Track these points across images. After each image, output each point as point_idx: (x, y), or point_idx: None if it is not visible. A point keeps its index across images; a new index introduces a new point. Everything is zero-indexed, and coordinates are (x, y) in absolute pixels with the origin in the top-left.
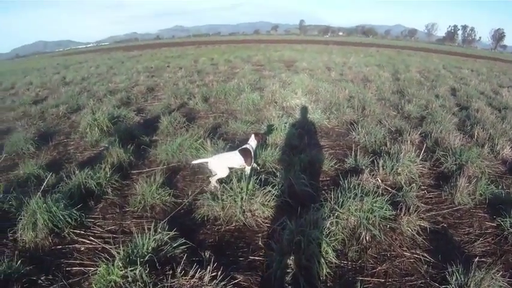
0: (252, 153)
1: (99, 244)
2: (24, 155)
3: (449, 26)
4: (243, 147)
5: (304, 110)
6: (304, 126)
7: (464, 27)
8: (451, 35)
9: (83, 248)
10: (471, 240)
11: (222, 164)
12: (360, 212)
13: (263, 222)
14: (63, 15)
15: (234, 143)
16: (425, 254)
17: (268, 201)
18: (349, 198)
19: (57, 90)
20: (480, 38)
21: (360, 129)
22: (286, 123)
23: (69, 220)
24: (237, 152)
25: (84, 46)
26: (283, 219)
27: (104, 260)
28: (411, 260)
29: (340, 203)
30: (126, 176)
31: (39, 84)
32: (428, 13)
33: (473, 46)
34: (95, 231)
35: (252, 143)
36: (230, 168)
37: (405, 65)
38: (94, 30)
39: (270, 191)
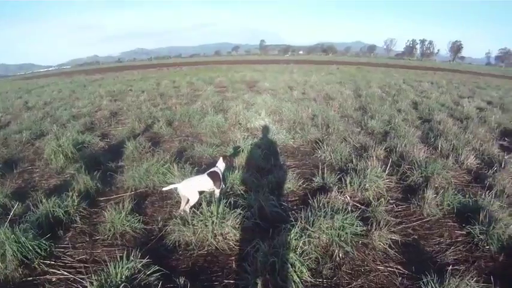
0: (221, 175)
1: (70, 275)
2: None
3: (408, 41)
4: (212, 170)
5: (268, 130)
6: (270, 147)
7: (423, 41)
8: (409, 49)
9: (54, 279)
10: (443, 250)
11: (192, 188)
12: (331, 229)
13: (235, 245)
14: (24, 38)
15: (200, 167)
16: (399, 267)
17: (239, 224)
18: (320, 216)
19: (20, 116)
20: (438, 50)
21: (325, 147)
22: (251, 144)
23: (39, 250)
24: (205, 175)
25: (46, 69)
26: (256, 241)
27: None
28: (385, 274)
29: (311, 222)
30: (93, 203)
31: (1, 109)
32: (387, 29)
33: (431, 59)
34: (66, 261)
35: (220, 165)
36: (200, 192)
37: (366, 81)
38: (56, 53)
39: (240, 214)
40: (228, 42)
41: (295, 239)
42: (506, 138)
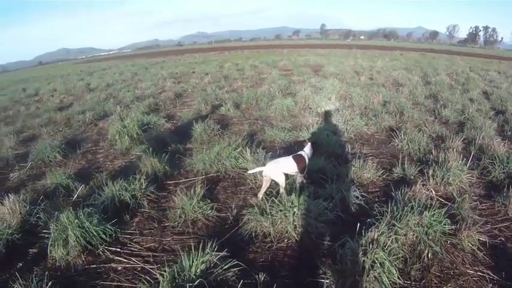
0: (307, 160)
1: (138, 264)
2: (51, 164)
3: (471, 28)
4: (297, 153)
5: (340, 116)
6: (344, 133)
7: (486, 28)
8: (472, 36)
9: (120, 268)
10: None
11: (278, 170)
12: (419, 227)
13: (317, 238)
14: (85, 23)
15: (275, 152)
16: (489, 271)
17: (321, 216)
18: (407, 212)
19: (82, 97)
20: (502, 38)
21: (402, 136)
22: (325, 130)
23: (104, 236)
24: (290, 157)
25: (107, 53)
26: (345, 236)
27: (146, 282)
28: (475, 279)
29: (398, 217)
30: (161, 187)
31: (63, 90)
32: (450, 15)
33: (495, 47)
34: (133, 249)
35: (308, 150)
36: (285, 175)
37: (433, 68)
38: (116, 38)
39: (322, 205)
40: (287, 26)
41: (383, 236)
42: None
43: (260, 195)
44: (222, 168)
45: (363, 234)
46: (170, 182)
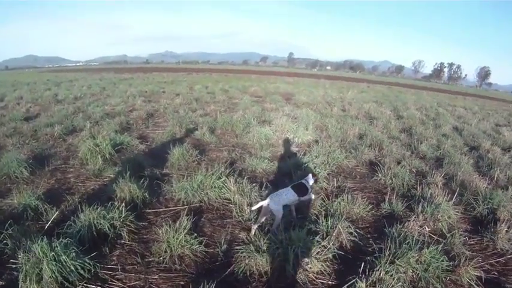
0: (309, 188)
1: None
2: (17, 180)
3: (436, 64)
4: (298, 182)
5: (320, 147)
6: (326, 166)
7: (451, 64)
8: (437, 72)
9: None
10: None
11: (281, 203)
12: (418, 264)
13: (316, 278)
14: (55, 31)
15: (260, 183)
16: None
17: (319, 254)
18: (406, 249)
19: (50, 108)
20: (466, 75)
21: (385, 171)
22: (310, 162)
23: (82, 272)
24: (289, 188)
25: (74, 64)
26: (354, 278)
27: None
28: None
29: (397, 255)
30: (140, 216)
31: (30, 99)
32: (415, 50)
33: (458, 83)
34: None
35: (310, 180)
36: (284, 206)
37: (402, 102)
38: (84, 49)
39: (318, 242)
40: (255, 52)
41: (388, 275)
42: None
43: (254, 230)
44: (205, 198)
45: (367, 273)
46: (149, 211)
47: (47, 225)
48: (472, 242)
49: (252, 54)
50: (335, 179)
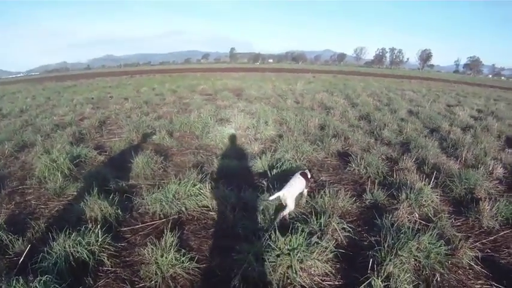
0: (309, 176)
1: None
2: None
3: (378, 49)
4: (301, 171)
5: (287, 142)
6: (297, 161)
7: (392, 49)
8: (379, 57)
9: None
10: None
11: (294, 194)
12: (419, 252)
13: (322, 280)
14: None
15: (237, 186)
16: (493, 282)
17: (321, 256)
18: (406, 239)
19: None
20: (408, 59)
21: (358, 160)
22: (278, 158)
23: None
24: (298, 175)
25: (15, 76)
26: (367, 276)
27: None
28: None
29: (398, 245)
30: (116, 236)
31: None
32: (357, 38)
33: (401, 67)
34: None
35: (308, 174)
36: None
37: (352, 90)
38: (25, 60)
39: (317, 243)
40: (197, 50)
41: (397, 268)
42: None
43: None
44: (183, 208)
45: (375, 269)
46: (125, 229)
47: (20, 260)
48: (459, 223)
49: (194, 52)
50: (310, 173)
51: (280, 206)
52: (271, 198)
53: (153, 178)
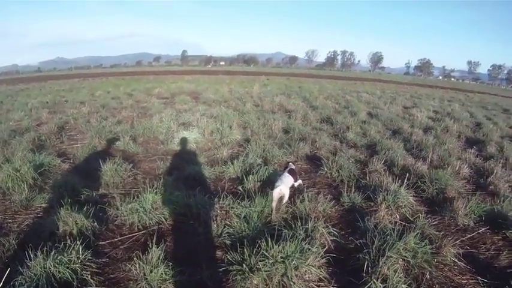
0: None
1: None
2: None
3: (329, 52)
4: (289, 168)
5: (255, 146)
6: (269, 165)
7: (344, 52)
8: (331, 60)
9: None
10: (495, 255)
11: (288, 185)
12: (406, 252)
13: (317, 286)
14: None
15: (214, 194)
16: (478, 277)
17: (314, 261)
18: (392, 240)
19: None
20: (359, 61)
21: (330, 164)
22: (248, 162)
23: None
24: (286, 173)
25: None
26: (366, 278)
27: None
28: (471, 286)
29: (385, 247)
30: (96, 251)
31: None
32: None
33: (352, 69)
34: None
35: (293, 166)
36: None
37: (308, 92)
38: None
39: (309, 249)
40: (148, 52)
41: (391, 270)
42: (474, 147)
43: (276, 212)
44: (162, 218)
45: (369, 272)
46: (104, 243)
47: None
48: (436, 222)
49: (145, 55)
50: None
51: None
52: (275, 190)
53: (124, 187)
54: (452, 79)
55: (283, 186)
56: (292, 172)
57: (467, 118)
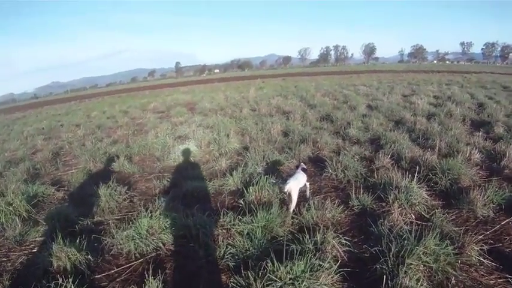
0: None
1: None
2: None
3: (322, 48)
4: (301, 167)
5: (255, 153)
6: (271, 172)
7: (336, 47)
8: (324, 56)
9: None
10: None
11: (298, 186)
12: (427, 256)
13: None
14: None
15: (213, 210)
16: (506, 275)
17: (326, 279)
18: (410, 245)
19: None
20: (352, 54)
21: (334, 164)
22: (249, 172)
23: None
24: (300, 171)
25: None
26: None
27: None
28: (500, 286)
29: (406, 252)
30: (92, 285)
31: None
32: (300, 39)
33: (346, 63)
34: None
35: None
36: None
37: (305, 91)
38: None
39: (321, 265)
40: (142, 67)
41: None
42: (481, 129)
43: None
44: (160, 244)
45: (389, 284)
46: (100, 276)
47: None
48: (453, 217)
49: (140, 70)
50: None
51: None
52: (285, 187)
53: (120, 211)
54: (447, 62)
55: (296, 182)
56: (305, 171)
57: (468, 100)
